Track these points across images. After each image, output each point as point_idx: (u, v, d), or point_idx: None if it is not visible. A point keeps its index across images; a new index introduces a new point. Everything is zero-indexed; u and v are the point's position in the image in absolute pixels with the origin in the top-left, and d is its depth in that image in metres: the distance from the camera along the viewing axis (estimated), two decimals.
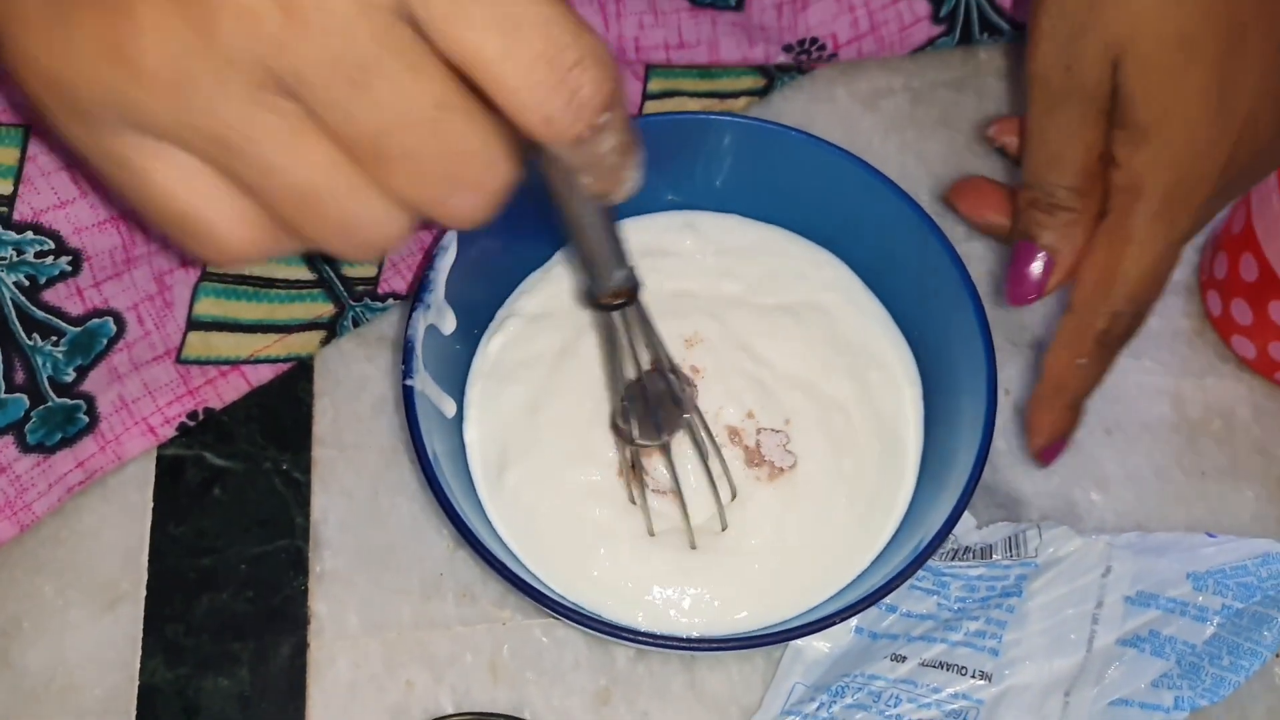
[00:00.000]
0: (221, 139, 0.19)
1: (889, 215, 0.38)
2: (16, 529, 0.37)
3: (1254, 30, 0.30)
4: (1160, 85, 0.30)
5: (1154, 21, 0.30)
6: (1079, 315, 0.33)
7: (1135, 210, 0.32)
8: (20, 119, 0.30)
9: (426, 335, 0.36)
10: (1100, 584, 0.35)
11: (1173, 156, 0.31)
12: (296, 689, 0.36)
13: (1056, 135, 0.32)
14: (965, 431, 0.36)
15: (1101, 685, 0.34)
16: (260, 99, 0.19)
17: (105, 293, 0.36)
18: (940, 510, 0.35)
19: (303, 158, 0.19)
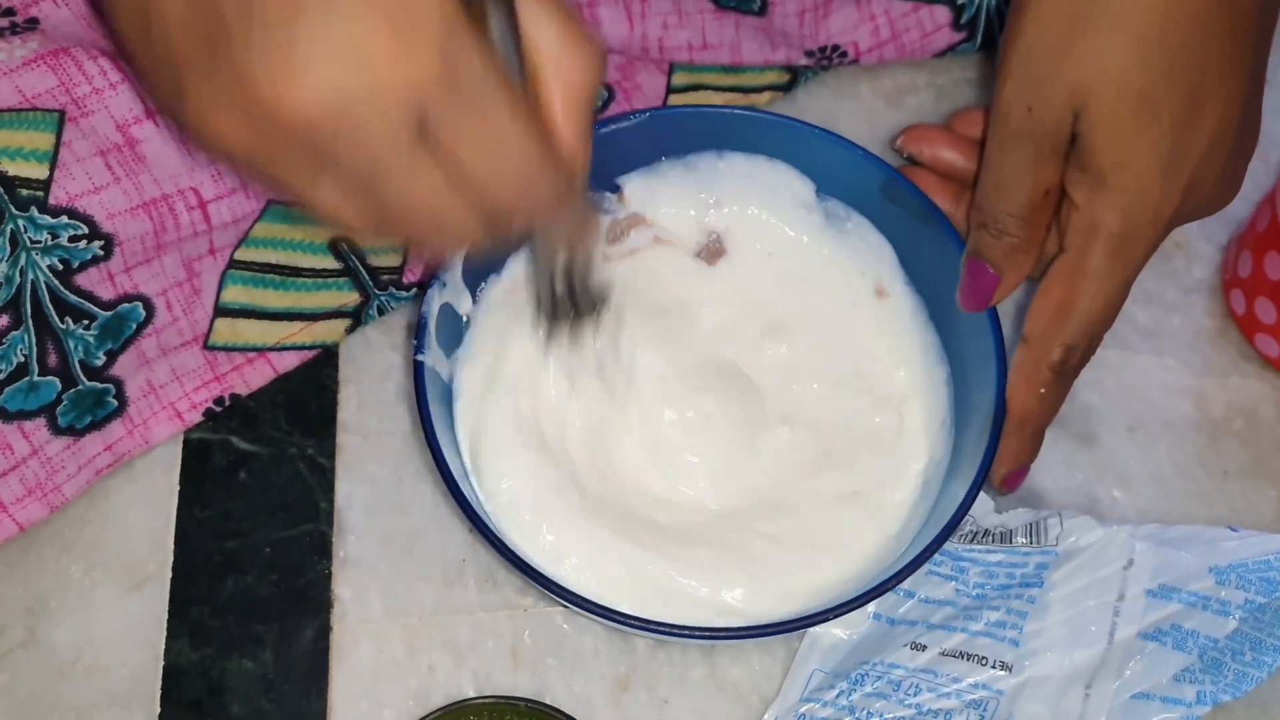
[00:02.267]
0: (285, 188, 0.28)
1: (900, 206, 0.39)
2: (47, 510, 0.37)
3: (1212, 99, 0.32)
4: (1119, 139, 0.32)
5: (1118, 79, 0.32)
6: (1035, 348, 0.35)
7: (1091, 249, 0.34)
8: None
9: (441, 314, 0.36)
10: (1122, 576, 0.35)
11: (1127, 203, 0.33)
12: (319, 671, 0.36)
13: (1009, 169, 0.34)
14: (977, 417, 0.36)
15: (1122, 679, 0.34)
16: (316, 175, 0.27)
17: (136, 278, 0.37)
18: (954, 495, 0.35)
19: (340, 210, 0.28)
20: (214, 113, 0.26)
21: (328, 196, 0.28)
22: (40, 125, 0.34)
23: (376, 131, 0.26)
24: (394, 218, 0.28)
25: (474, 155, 0.27)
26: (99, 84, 0.35)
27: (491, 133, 0.27)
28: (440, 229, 0.28)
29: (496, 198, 0.28)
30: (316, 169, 0.27)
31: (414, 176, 0.27)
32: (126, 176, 0.35)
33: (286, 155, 0.27)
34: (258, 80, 0.25)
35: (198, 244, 0.38)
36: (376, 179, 0.27)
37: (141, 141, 0.36)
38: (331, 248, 0.41)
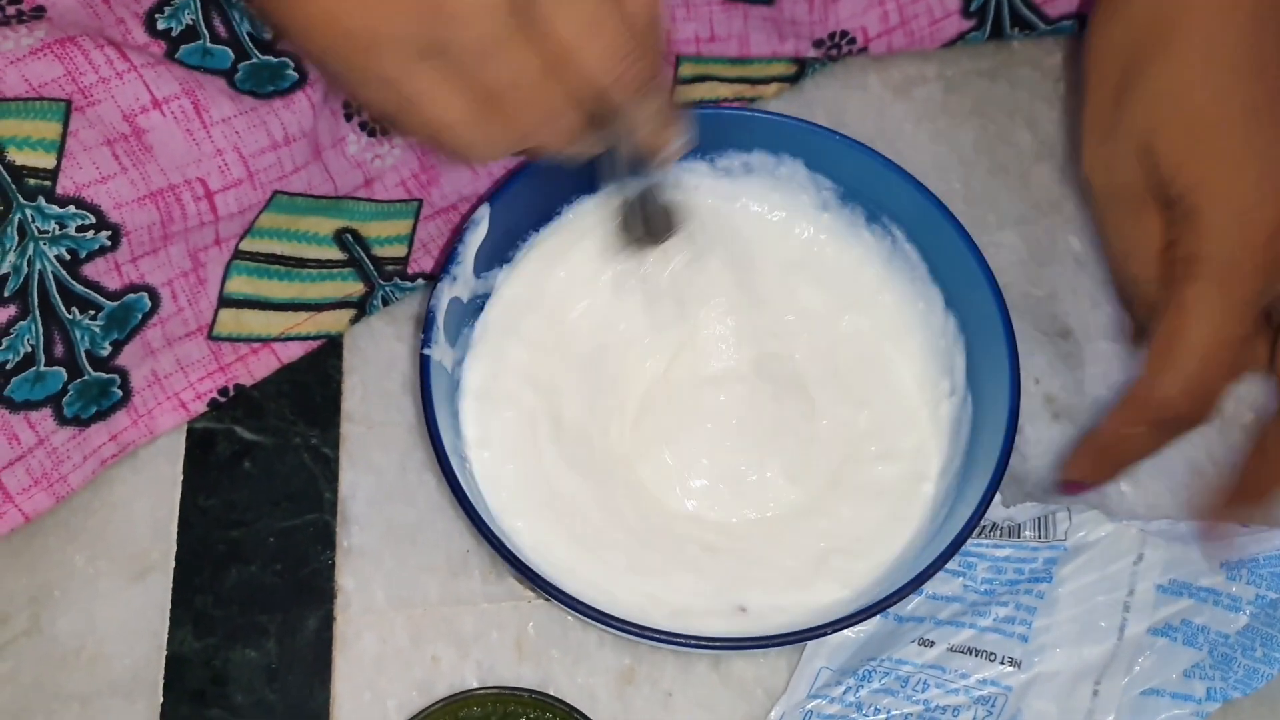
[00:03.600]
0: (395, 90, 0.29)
1: (911, 208, 0.38)
2: (53, 500, 0.37)
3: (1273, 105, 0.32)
4: (1188, 160, 0.32)
5: (1171, 102, 0.33)
6: (1142, 384, 0.34)
7: (1190, 279, 0.32)
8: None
9: (450, 308, 0.36)
10: (1132, 571, 0.35)
11: (1216, 223, 0.32)
12: (323, 661, 0.36)
13: (1118, 235, 0.35)
14: (990, 425, 0.36)
15: (1132, 675, 0.34)
16: (415, 65, 0.28)
17: (142, 268, 0.37)
18: (966, 504, 0.34)
19: (441, 100, 0.29)
20: (316, 3, 0.28)
21: (426, 88, 0.28)
22: (47, 114, 0.34)
23: (479, 5, 0.27)
24: (494, 101, 0.29)
25: (570, 29, 0.28)
26: (105, 73, 0.35)
27: (587, 6, 0.28)
28: (540, 115, 0.29)
29: (594, 74, 0.29)
30: (418, 56, 0.28)
31: (515, 55, 0.28)
32: (133, 166, 0.35)
33: (389, 42, 0.28)
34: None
35: (203, 234, 0.38)
36: (478, 60, 0.28)
37: (148, 131, 0.36)
38: (336, 238, 0.41)
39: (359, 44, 0.28)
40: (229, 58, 0.37)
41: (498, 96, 0.29)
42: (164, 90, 0.36)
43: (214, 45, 0.37)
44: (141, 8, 0.36)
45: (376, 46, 0.28)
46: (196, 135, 0.36)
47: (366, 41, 0.28)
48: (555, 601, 0.33)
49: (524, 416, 0.38)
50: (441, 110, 0.29)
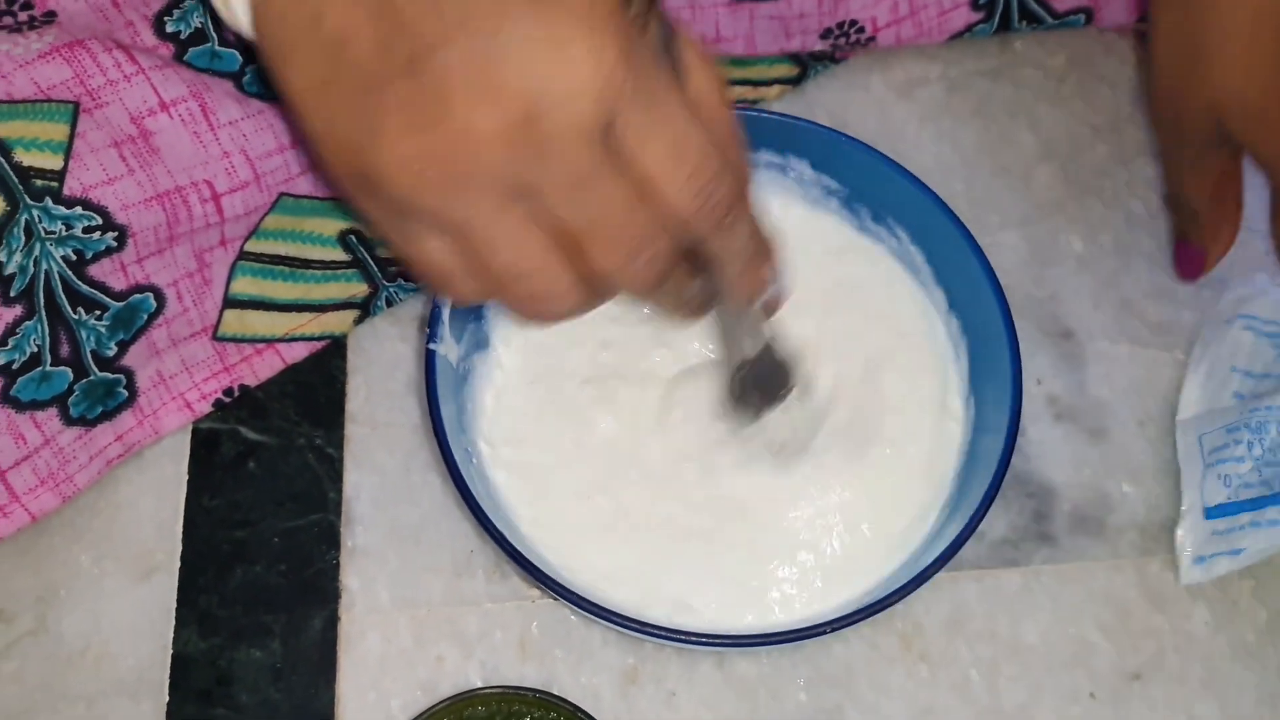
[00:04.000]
0: (472, 236, 0.27)
1: (915, 209, 0.38)
2: (59, 500, 0.37)
3: None
4: (1267, 136, 0.35)
5: (1241, 84, 0.34)
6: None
7: None
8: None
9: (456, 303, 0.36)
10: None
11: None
12: (327, 661, 0.36)
13: (1176, 166, 0.38)
14: (992, 426, 0.36)
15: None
16: (504, 204, 0.26)
17: (148, 269, 0.37)
18: (968, 505, 0.35)
19: (523, 245, 0.27)
20: (415, 140, 0.25)
21: (513, 228, 0.26)
22: (55, 116, 0.34)
23: (576, 130, 0.25)
24: (579, 242, 0.27)
25: (659, 153, 0.26)
26: (113, 75, 0.35)
27: (674, 129, 0.26)
28: (625, 247, 0.27)
29: (683, 198, 0.27)
30: (509, 194, 0.26)
31: (609, 183, 0.26)
32: (140, 168, 0.36)
33: (484, 175, 0.25)
34: (464, 93, 0.24)
35: (209, 235, 0.38)
36: (571, 190, 0.26)
37: (155, 133, 0.36)
38: (341, 240, 0.41)
39: (453, 181, 0.25)
40: (237, 61, 0.38)
41: (583, 235, 0.27)
42: (172, 93, 0.36)
43: (222, 48, 0.37)
44: (150, 10, 0.36)
45: (470, 181, 0.25)
46: (204, 137, 0.36)
47: (462, 177, 0.25)
48: (559, 599, 0.33)
49: (530, 412, 0.38)
50: (523, 255, 0.27)
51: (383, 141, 0.26)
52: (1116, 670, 0.37)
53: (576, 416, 0.38)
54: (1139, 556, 0.39)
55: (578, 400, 0.38)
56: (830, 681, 0.37)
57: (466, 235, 0.27)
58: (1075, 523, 0.39)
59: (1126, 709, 0.37)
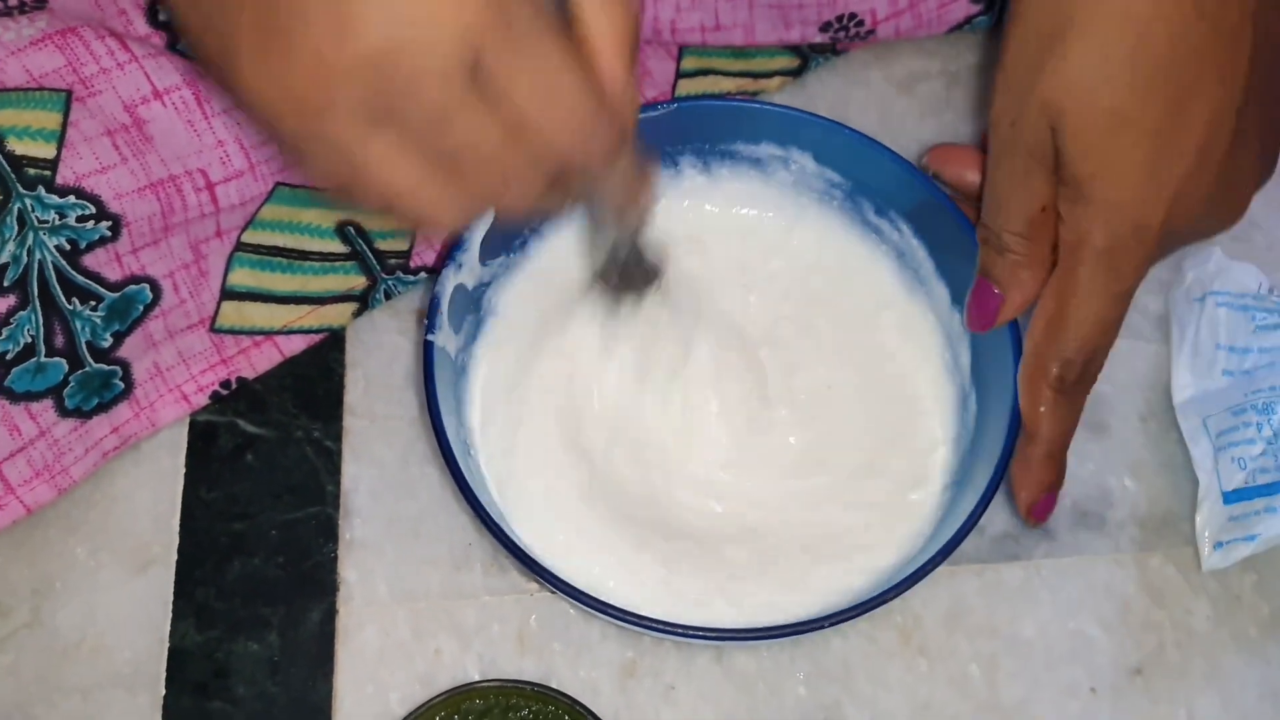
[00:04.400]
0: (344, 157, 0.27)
1: (918, 203, 0.38)
2: (54, 492, 0.37)
3: (1195, 108, 0.32)
4: (1093, 152, 0.32)
5: (1086, 95, 0.32)
6: (1031, 364, 0.35)
7: (1079, 262, 0.33)
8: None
9: (455, 295, 0.36)
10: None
11: (1108, 213, 0.32)
12: (325, 654, 0.36)
13: (1003, 183, 0.34)
14: (994, 420, 0.36)
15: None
16: (367, 130, 0.26)
17: (143, 259, 0.37)
18: (970, 498, 0.34)
19: (393, 167, 0.27)
20: (267, 65, 0.26)
21: (381, 154, 0.27)
22: (47, 104, 0.34)
23: (433, 72, 0.25)
24: (453, 172, 0.27)
25: (529, 97, 0.26)
26: (106, 64, 0.35)
27: (545, 74, 0.26)
28: (500, 180, 0.28)
29: (554, 142, 0.27)
30: (371, 122, 0.26)
31: (472, 121, 0.26)
32: (134, 157, 0.35)
33: (341, 107, 0.26)
34: (316, 25, 0.25)
35: (205, 226, 0.38)
36: (434, 126, 0.26)
37: (149, 122, 0.35)
38: (339, 232, 0.41)
39: (309, 109, 0.26)
40: None
41: (454, 162, 0.27)
42: (165, 81, 0.36)
43: None
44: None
45: (327, 112, 0.26)
46: (198, 126, 0.36)
47: (317, 107, 0.26)
48: (557, 593, 0.33)
49: (529, 405, 0.38)
50: (396, 177, 0.27)
51: (239, 62, 0.26)
52: (1117, 665, 0.37)
53: (576, 411, 0.38)
54: (1140, 551, 0.39)
55: (579, 392, 0.38)
56: (829, 676, 0.36)
57: (342, 155, 0.27)
58: (1076, 517, 0.39)
59: (1127, 704, 0.37)
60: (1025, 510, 0.36)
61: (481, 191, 0.28)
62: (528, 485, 0.37)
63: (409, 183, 0.27)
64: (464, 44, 0.25)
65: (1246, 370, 0.38)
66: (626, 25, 0.28)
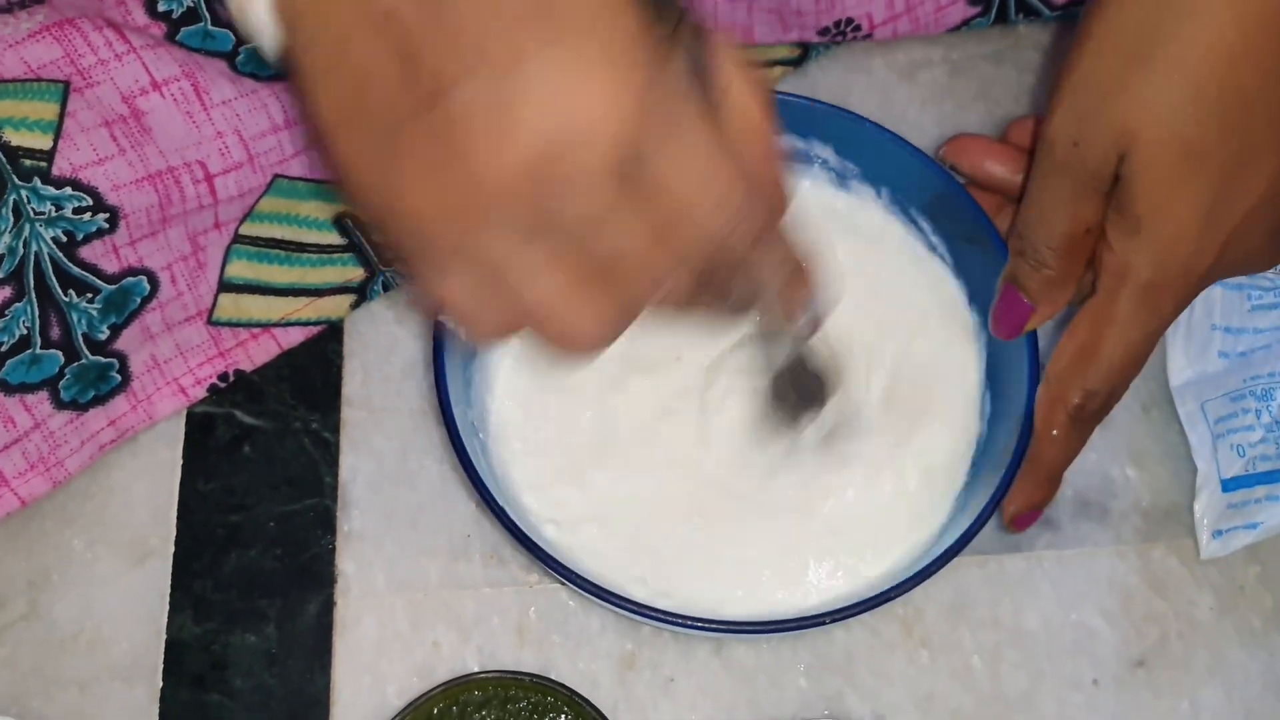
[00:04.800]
0: (494, 274, 0.26)
1: (938, 198, 0.38)
2: (50, 485, 0.37)
3: (1263, 149, 0.31)
4: (1160, 187, 0.31)
5: (1166, 125, 0.31)
6: (1053, 389, 0.34)
7: (1120, 295, 0.33)
8: None
9: None
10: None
11: (1161, 252, 0.32)
12: (323, 646, 0.36)
13: (1050, 201, 0.33)
14: (1007, 417, 0.35)
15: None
16: (522, 243, 0.25)
17: (140, 251, 0.37)
18: (981, 495, 0.34)
19: (547, 281, 0.26)
20: (426, 177, 0.24)
21: (532, 266, 0.25)
22: (44, 95, 0.34)
23: (592, 172, 0.24)
24: (604, 280, 0.26)
25: (681, 186, 0.25)
26: (104, 55, 0.35)
27: (698, 161, 0.25)
28: (649, 278, 0.26)
29: (705, 232, 0.26)
30: (526, 232, 0.25)
31: (625, 221, 0.25)
32: (132, 148, 0.35)
33: (498, 219, 0.24)
34: (479, 131, 0.23)
35: (203, 218, 0.38)
36: (588, 230, 0.25)
37: (147, 113, 0.35)
38: (337, 224, 0.40)
39: (466, 224, 0.25)
40: (230, 40, 0.37)
41: (607, 270, 0.26)
42: (164, 72, 0.35)
43: (215, 28, 0.37)
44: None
45: (483, 225, 0.24)
46: (196, 117, 0.36)
47: (474, 221, 0.24)
48: (559, 580, 0.33)
49: (540, 390, 0.37)
50: (546, 291, 0.26)
51: (401, 182, 0.25)
52: (1120, 657, 0.37)
53: (584, 399, 0.38)
54: (1142, 542, 0.38)
55: (585, 383, 0.38)
56: (831, 668, 0.36)
57: (488, 272, 0.26)
58: (1078, 508, 0.39)
59: (1130, 696, 0.36)
60: (1009, 519, 0.35)
61: (631, 297, 0.27)
62: (533, 474, 0.36)
63: (560, 296, 0.26)
64: (622, 137, 0.24)
65: (1242, 352, 0.38)
66: (768, 104, 0.27)
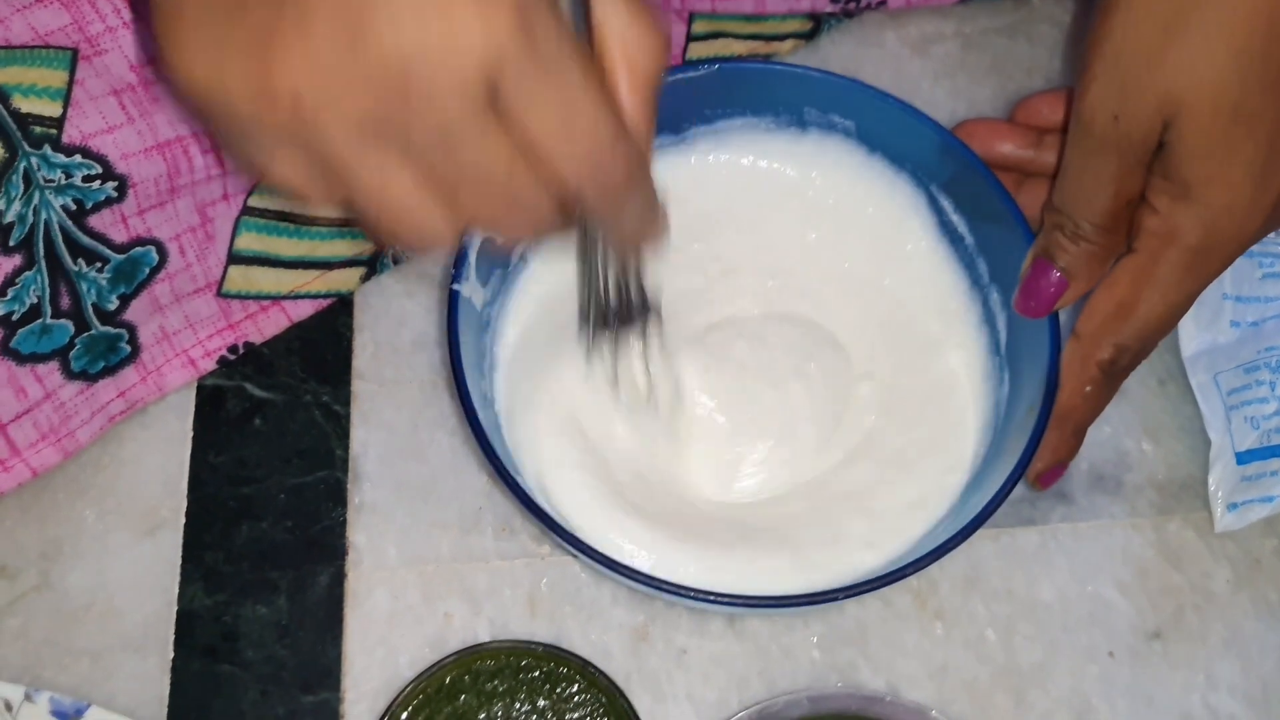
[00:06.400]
0: (330, 165, 0.25)
1: (958, 176, 0.37)
2: (61, 456, 0.37)
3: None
4: (1210, 152, 0.31)
5: (1213, 90, 0.30)
6: (1085, 344, 0.34)
7: (1165, 257, 0.32)
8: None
9: (483, 248, 0.35)
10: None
11: (1211, 217, 0.32)
12: (334, 618, 0.36)
13: (1092, 177, 0.33)
14: (1026, 394, 0.35)
15: None
16: (366, 141, 0.25)
17: (149, 221, 0.36)
18: (1000, 472, 0.34)
19: (384, 182, 0.25)
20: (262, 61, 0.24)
21: (377, 166, 0.25)
22: (53, 62, 0.34)
23: (449, 91, 0.24)
24: (453, 192, 0.26)
25: (546, 123, 0.25)
26: (112, 22, 0.35)
27: (565, 101, 0.25)
28: (502, 206, 0.26)
29: (568, 170, 0.26)
30: (371, 133, 0.24)
31: (482, 143, 0.25)
32: (140, 117, 0.35)
33: (341, 114, 0.24)
34: (324, 25, 0.23)
35: (211, 188, 0.38)
36: (440, 145, 0.25)
37: (155, 82, 0.35)
38: None
39: (294, 113, 0.24)
40: None
41: (456, 183, 0.26)
42: None
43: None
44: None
45: (316, 118, 0.24)
46: None
47: (306, 112, 0.24)
48: (570, 553, 0.33)
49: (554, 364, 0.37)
50: (389, 192, 0.25)
51: (228, 62, 0.24)
52: (1135, 629, 0.37)
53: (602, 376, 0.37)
54: (1157, 515, 0.38)
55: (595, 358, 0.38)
56: (844, 639, 0.36)
57: (321, 166, 0.25)
58: (1093, 481, 0.39)
59: (1145, 668, 0.36)
60: (1034, 476, 0.35)
61: (481, 215, 0.26)
62: (546, 445, 0.36)
63: (403, 200, 0.26)
64: (486, 63, 0.24)
65: (1253, 322, 0.38)
66: (653, 51, 0.27)
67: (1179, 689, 0.36)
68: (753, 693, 0.35)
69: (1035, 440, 0.33)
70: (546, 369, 0.37)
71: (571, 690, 0.34)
